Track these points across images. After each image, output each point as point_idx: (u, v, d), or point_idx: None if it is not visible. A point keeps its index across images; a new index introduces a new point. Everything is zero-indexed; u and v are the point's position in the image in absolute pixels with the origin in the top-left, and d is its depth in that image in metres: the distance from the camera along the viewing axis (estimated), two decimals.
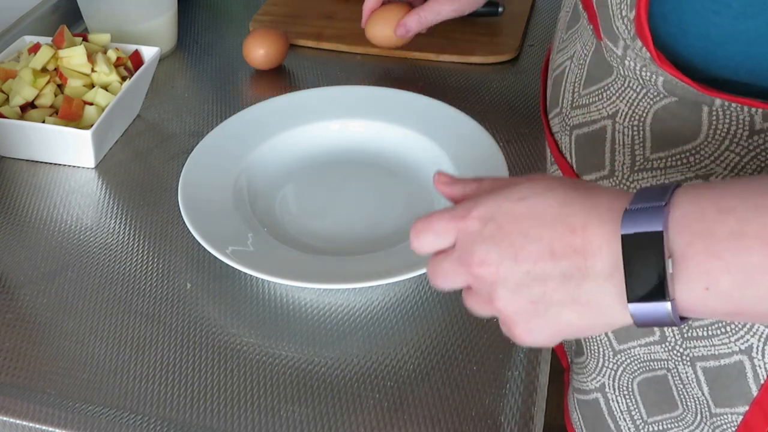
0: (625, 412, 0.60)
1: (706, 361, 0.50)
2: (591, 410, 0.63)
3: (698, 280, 0.34)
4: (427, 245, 0.43)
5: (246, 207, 0.65)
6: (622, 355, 0.58)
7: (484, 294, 0.41)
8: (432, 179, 0.47)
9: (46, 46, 0.73)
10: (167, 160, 0.72)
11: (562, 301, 0.38)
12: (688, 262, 0.34)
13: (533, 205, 0.39)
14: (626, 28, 0.44)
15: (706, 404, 0.52)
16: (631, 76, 0.48)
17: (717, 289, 0.34)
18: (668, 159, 0.48)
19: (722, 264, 0.34)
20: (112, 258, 0.62)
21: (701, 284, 0.34)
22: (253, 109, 0.74)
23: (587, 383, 0.62)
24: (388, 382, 0.52)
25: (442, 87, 0.80)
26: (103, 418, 0.50)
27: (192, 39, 0.92)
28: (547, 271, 0.38)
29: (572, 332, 0.40)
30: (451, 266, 0.42)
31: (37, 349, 0.55)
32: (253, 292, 0.59)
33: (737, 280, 0.34)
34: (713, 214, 0.34)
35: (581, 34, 0.54)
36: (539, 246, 0.38)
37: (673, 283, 0.35)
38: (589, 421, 0.64)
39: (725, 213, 0.34)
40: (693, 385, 0.52)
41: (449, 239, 0.42)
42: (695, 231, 0.34)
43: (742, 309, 0.35)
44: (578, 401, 0.65)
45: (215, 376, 0.52)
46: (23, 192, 0.69)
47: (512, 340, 0.41)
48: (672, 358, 0.53)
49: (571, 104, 0.55)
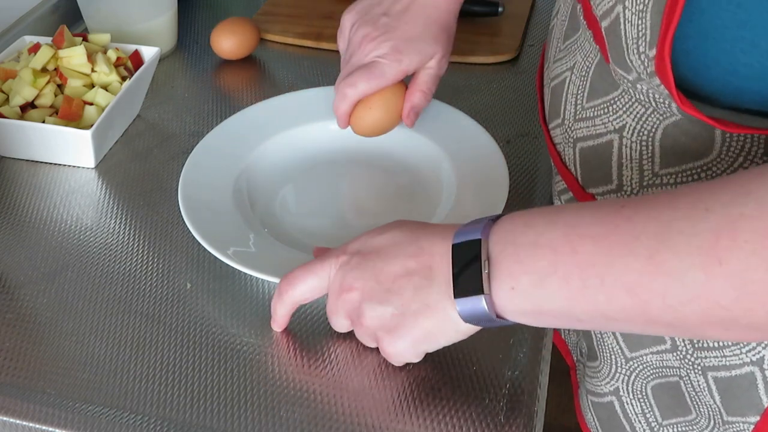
0: (640, 414, 0.60)
1: (717, 371, 0.50)
2: (606, 412, 0.63)
3: (506, 280, 0.42)
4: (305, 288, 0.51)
5: (246, 207, 0.65)
6: (635, 362, 0.57)
7: (356, 317, 0.48)
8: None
9: (46, 46, 0.73)
10: (167, 160, 0.72)
11: (417, 310, 0.45)
12: (500, 265, 0.42)
13: (391, 236, 0.47)
14: (643, 65, 0.42)
15: (719, 412, 0.51)
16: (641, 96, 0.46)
17: (519, 288, 0.41)
18: (678, 175, 0.47)
19: (522, 267, 0.41)
20: (112, 258, 0.62)
21: (508, 284, 0.42)
22: (253, 109, 0.74)
23: (601, 387, 0.62)
24: (388, 382, 0.52)
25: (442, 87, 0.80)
26: (103, 418, 0.50)
27: (192, 39, 0.92)
28: (404, 285, 0.45)
29: (429, 339, 0.47)
30: (331, 302, 0.49)
31: (37, 349, 0.55)
32: (253, 292, 0.59)
33: (533, 280, 0.41)
34: (521, 227, 0.42)
35: (581, 46, 0.53)
36: (396, 267, 0.46)
37: (489, 282, 0.42)
38: (605, 423, 0.64)
39: (529, 227, 0.42)
40: (705, 393, 0.52)
41: (325, 280, 0.50)
42: (506, 240, 0.42)
43: (542, 307, 0.41)
44: (592, 403, 0.65)
45: (215, 376, 0.52)
46: (23, 192, 0.69)
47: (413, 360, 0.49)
48: (684, 366, 0.53)
49: (573, 116, 0.54)
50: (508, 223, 0.43)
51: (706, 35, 0.39)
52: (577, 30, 0.54)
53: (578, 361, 0.71)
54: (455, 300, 0.43)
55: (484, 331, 0.46)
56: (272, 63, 0.88)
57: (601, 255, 0.38)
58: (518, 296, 0.42)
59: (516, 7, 0.94)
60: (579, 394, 0.68)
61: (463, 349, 0.53)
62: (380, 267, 0.46)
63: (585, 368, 0.66)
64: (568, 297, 0.40)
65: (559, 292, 0.40)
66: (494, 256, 0.42)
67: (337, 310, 0.49)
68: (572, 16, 0.55)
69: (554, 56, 0.58)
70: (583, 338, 0.66)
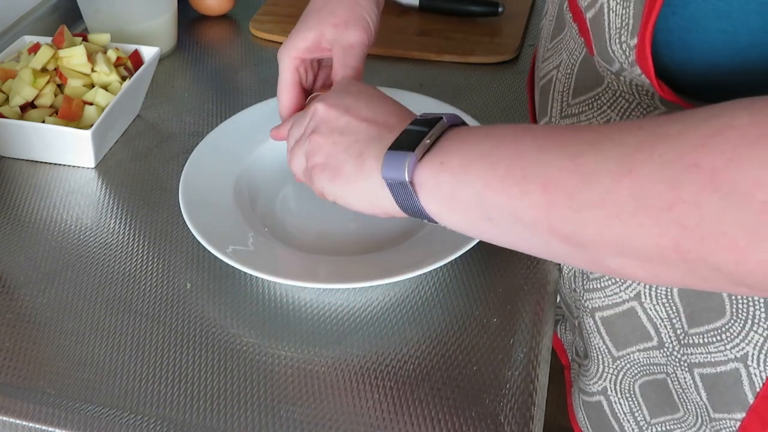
0: (629, 413, 0.60)
1: (703, 368, 0.50)
2: (595, 411, 0.63)
3: (440, 155, 0.43)
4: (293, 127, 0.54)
5: (247, 207, 0.65)
6: (622, 361, 0.58)
7: (310, 128, 0.51)
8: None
9: (46, 46, 0.73)
10: (167, 160, 0.72)
11: (353, 152, 0.47)
12: (442, 141, 0.44)
13: (379, 93, 0.51)
14: (624, 54, 0.43)
15: (705, 409, 0.52)
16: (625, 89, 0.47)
17: (448, 165, 0.42)
18: None
19: (460, 148, 0.43)
20: (112, 258, 0.62)
21: (440, 158, 0.43)
22: (254, 109, 0.74)
23: (590, 386, 0.62)
24: (388, 382, 0.52)
25: (442, 87, 0.80)
26: (103, 418, 0.50)
27: (192, 39, 0.92)
28: (362, 129, 0.48)
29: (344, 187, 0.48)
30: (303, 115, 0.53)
31: (37, 349, 0.55)
32: (253, 292, 0.59)
33: (463, 163, 0.42)
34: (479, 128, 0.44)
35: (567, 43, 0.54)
36: (369, 112, 0.49)
37: (422, 150, 0.44)
38: (594, 422, 0.64)
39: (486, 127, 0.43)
40: (692, 390, 0.52)
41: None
42: (461, 130, 0.44)
43: (456, 192, 0.42)
44: (583, 402, 0.65)
45: (215, 376, 0.52)
46: (23, 192, 0.69)
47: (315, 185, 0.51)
48: (671, 363, 0.53)
49: (560, 114, 0.55)
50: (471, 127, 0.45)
51: (689, 28, 0.39)
52: (563, 29, 0.54)
53: (573, 360, 0.71)
54: (386, 152, 0.45)
55: (484, 331, 0.46)
56: (272, 63, 0.88)
57: (536, 149, 0.39)
58: (443, 173, 0.42)
59: (516, 7, 0.94)
60: (572, 392, 0.69)
61: (463, 349, 0.54)
62: (357, 105, 0.49)
63: (579, 367, 0.66)
64: (486, 184, 0.40)
65: (481, 177, 0.40)
66: (442, 137, 0.44)
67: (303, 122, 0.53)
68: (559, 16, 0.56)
69: (542, 56, 0.59)
70: (579, 337, 0.66)
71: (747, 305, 0.46)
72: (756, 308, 0.46)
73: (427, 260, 0.56)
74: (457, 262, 0.60)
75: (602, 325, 0.57)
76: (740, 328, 0.47)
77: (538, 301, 0.57)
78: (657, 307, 0.52)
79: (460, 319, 0.56)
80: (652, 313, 0.53)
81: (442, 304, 0.57)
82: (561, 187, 0.37)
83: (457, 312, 0.56)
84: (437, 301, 0.57)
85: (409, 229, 0.63)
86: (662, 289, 0.51)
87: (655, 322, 0.53)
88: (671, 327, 0.52)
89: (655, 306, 0.53)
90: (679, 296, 0.51)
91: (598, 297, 0.56)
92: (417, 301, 0.58)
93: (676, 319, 0.52)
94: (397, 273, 0.55)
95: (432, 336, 0.55)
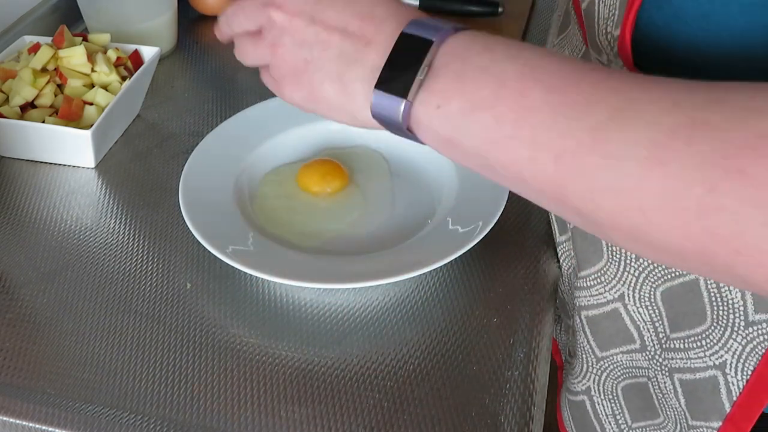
0: (610, 415, 0.60)
1: (683, 374, 0.50)
2: (579, 411, 0.63)
3: (436, 96, 0.38)
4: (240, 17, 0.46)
5: (247, 207, 0.65)
6: (605, 362, 0.58)
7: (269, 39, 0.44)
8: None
9: (46, 46, 0.73)
10: (167, 160, 0.72)
11: (330, 72, 0.42)
12: (437, 77, 0.38)
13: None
14: (609, 45, 0.42)
15: (684, 416, 0.51)
16: None
17: (446, 110, 0.37)
18: None
19: (459, 88, 0.37)
20: (112, 258, 0.62)
21: (436, 101, 0.38)
22: (253, 109, 0.74)
23: (576, 385, 0.62)
24: (388, 382, 0.52)
25: None
26: (103, 418, 0.50)
27: (192, 39, 0.92)
28: (333, 41, 0.42)
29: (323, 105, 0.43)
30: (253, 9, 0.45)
31: (37, 349, 0.55)
32: (253, 292, 0.59)
33: (464, 108, 0.37)
34: (478, 47, 0.38)
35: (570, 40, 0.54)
36: (338, 18, 0.42)
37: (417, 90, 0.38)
38: (578, 421, 0.64)
39: (487, 51, 0.37)
40: (671, 395, 0.52)
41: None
42: (456, 54, 0.38)
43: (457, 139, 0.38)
44: (568, 401, 0.65)
45: (215, 376, 0.52)
46: (23, 192, 0.69)
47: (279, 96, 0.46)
48: (652, 367, 0.53)
49: None
50: (468, 38, 0.39)
51: (671, 26, 0.38)
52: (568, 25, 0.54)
53: (566, 361, 0.71)
54: (374, 90, 0.40)
55: (484, 331, 0.46)
56: None
57: (547, 108, 0.34)
58: (440, 118, 0.38)
59: (516, 7, 0.94)
60: (560, 392, 0.69)
61: (463, 349, 0.54)
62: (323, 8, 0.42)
63: (565, 364, 0.66)
64: (491, 140, 0.36)
65: (485, 131, 0.36)
66: (437, 67, 0.38)
67: (253, 18, 0.45)
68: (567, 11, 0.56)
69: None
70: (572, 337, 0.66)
71: (727, 312, 0.45)
72: (736, 316, 0.45)
73: (427, 260, 0.56)
74: (457, 262, 0.60)
75: (587, 325, 0.57)
76: (720, 335, 0.46)
77: (538, 301, 0.57)
78: (640, 309, 0.52)
79: (460, 319, 0.56)
80: (636, 315, 0.52)
81: (442, 304, 0.57)
82: (577, 164, 0.33)
83: (457, 312, 0.56)
84: (437, 301, 0.57)
85: (409, 229, 0.63)
86: (645, 291, 0.51)
87: (638, 324, 0.53)
88: (654, 330, 0.52)
89: (638, 308, 0.52)
90: (662, 300, 0.50)
91: (584, 296, 0.56)
92: (417, 301, 0.58)
93: (658, 323, 0.51)
94: (397, 273, 0.55)
95: (432, 336, 0.55)
